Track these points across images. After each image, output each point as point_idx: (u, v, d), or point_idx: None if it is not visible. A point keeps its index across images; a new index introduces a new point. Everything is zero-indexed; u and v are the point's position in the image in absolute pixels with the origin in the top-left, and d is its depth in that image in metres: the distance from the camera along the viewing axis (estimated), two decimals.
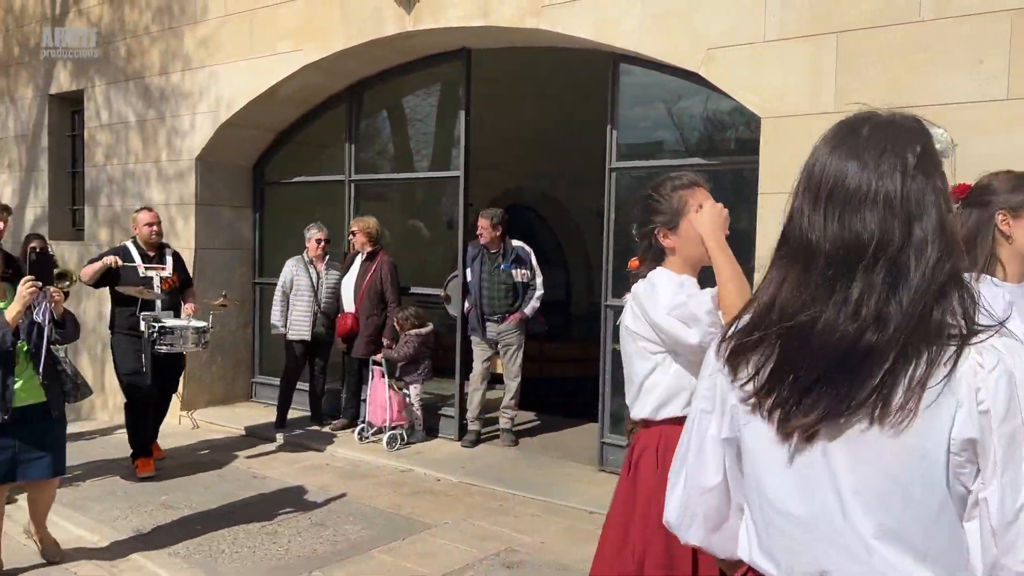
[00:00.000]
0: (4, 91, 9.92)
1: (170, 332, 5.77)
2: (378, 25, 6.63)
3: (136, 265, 5.96)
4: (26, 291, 3.82)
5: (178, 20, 8.01)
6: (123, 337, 5.97)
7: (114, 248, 6.25)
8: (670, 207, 2.46)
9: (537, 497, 5.59)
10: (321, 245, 7.35)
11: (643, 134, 6.22)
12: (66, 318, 4.09)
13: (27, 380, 4.01)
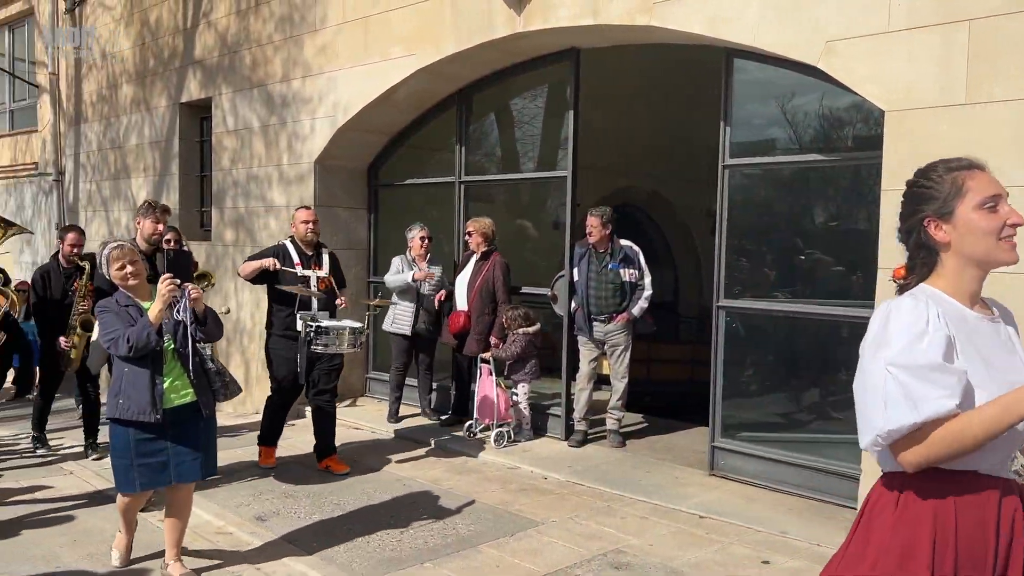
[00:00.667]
0: (141, 100, 10.57)
1: (326, 332, 5.67)
2: (488, 28, 6.71)
3: (294, 265, 5.89)
4: (165, 289, 3.82)
5: (299, 29, 8.34)
6: (279, 338, 5.92)
7: (273, 247, 6.16)
8: (942, 191, 1.93)
9: (645, 499, 5.53)
10: (424, 244, 7.52)
11: (757, 130, 6.06)
12: (207, 315, 4.04)
13: (176, 380, 3.99)
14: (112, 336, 3.84)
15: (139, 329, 3.79)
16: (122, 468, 3.97)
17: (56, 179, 12.29)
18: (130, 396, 3.86)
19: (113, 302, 3.98)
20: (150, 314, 3.84)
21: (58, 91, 12.21)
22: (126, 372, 3.90)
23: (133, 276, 4.00)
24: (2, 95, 14.48)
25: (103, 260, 4.01)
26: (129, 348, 3.77)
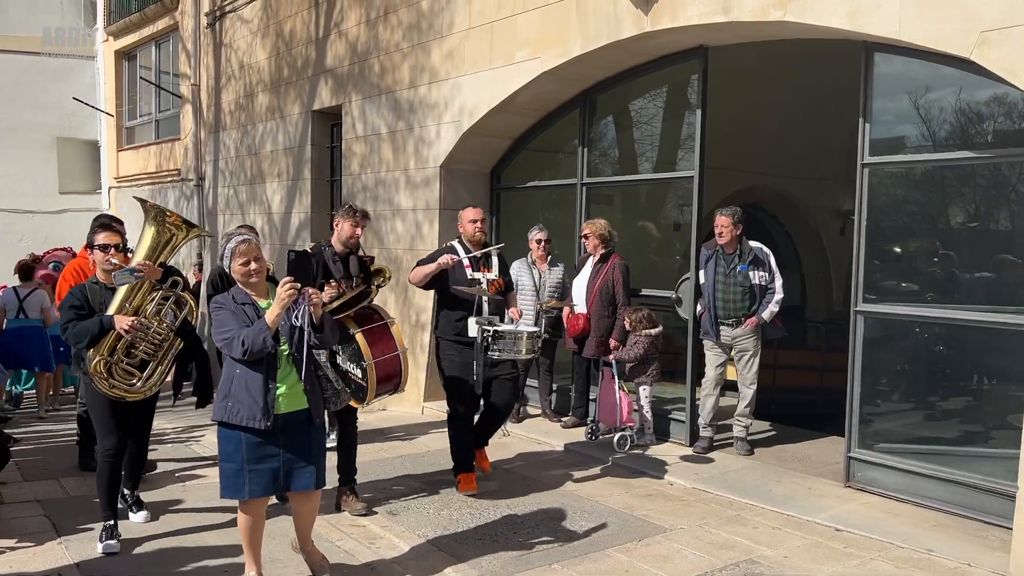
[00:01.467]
0: (275, 109, 11.07)
1: (502, 337, 5.31)
2: (615, 28, 6.68)
3: (463, 268, 5.58)
4: (284, 293, 3.58)
5: (426, 36, 8.54)
6: (449, 343, 5.61)
7: (441, 249, 5.88)
8: None
9: (776, 509, 5.36)
10: (542, 245, 7.54)
11: (898, 127, 5.78)
12: (325, 321, 3.80)
13: (291, 386, 3.80)
14: (227, 336, 3.67)
15: (255, 332, 3.60)
16: (231, 472, 3.77)
17: (197, 184, 13.04)
18: (240, 400, 3.70)
19: (229, 299, 3.81)
20: (267, 317, 3.64)
21: (199, 101, 12.94)
22: (237, 374, 3.72)
23: (255, 273, 3.82)
24: (149, 106, 15.47)
25: (226, 252, 3.82)
26: (244, 351, 3.60)
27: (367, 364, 4.79)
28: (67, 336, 4.58)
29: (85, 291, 4.67)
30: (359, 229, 5.30)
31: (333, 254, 5.22)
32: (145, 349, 4.66)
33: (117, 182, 16.13)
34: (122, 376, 4.64)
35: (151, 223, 4.74)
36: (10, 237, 15.63)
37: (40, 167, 16.26)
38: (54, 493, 5.66)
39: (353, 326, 4.87)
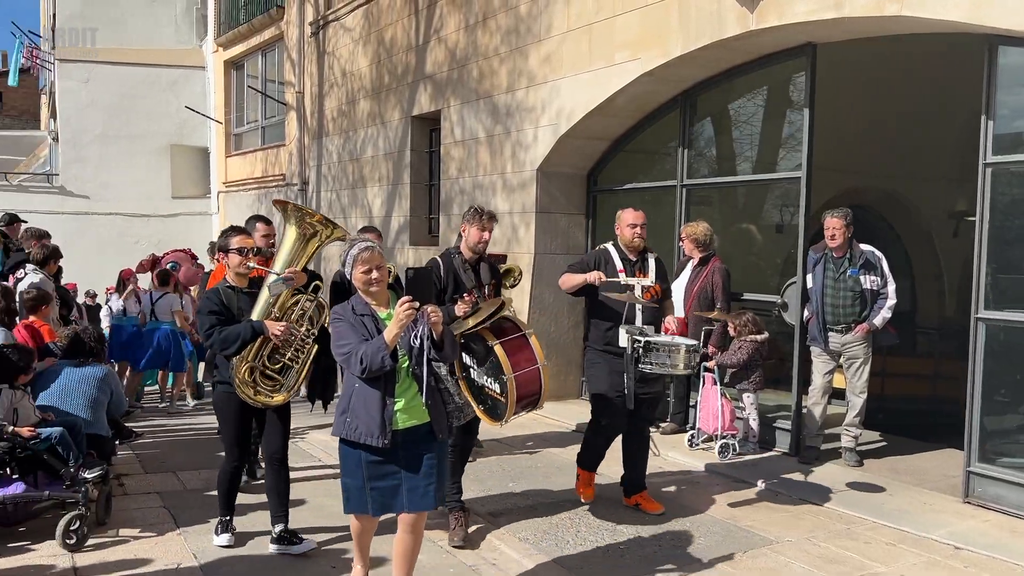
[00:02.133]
0: (376, 115, 11.33)
1: (656, 349, 4.87)
2: (718, 28, 6.55)
3: (616, 272, 5.17)
4: (403, 313, 3.39)
5: (524, 40, 8.58)
6: (598, 353, 5.24)
7: (594, 252, 5.53)
8: None
9: (889, 524, 5.14)
10: None
11: (1019, 123, 5.47)
12: (445, 338, 3.59)
13: (409, 401, 3.61)
14: (345, 351, 3.53)
15: (373, 350, 3.44)
16: (354, 488, 3.65)
17: (301, 189, 13.47)
18: (358, 415, 3.56)
19: (349, 310, 3.64)
20: (386, 335, 3.46)
21: (303, 108, 13.37)
22: (356, 389, 3.59)
23: (377, 283, 3.64)
24: (256, 113, 16.08)
25: (348, 258, 3.64)
26: (363, 369, 3.45)
27: (507, 379, 4.45)
28: (212, 342, 4.37)
29: (221, 295, 4.50)
30: (487, 233, 4.94)
31: (463, 262, 4.94)
32: (291, 355, 4.51)
33: (225, 187, 16.82)
34: (266, 383, 4.50)
35: (292, 224, 4.53)
36: (126, 240, 16.51)
37: (155, 173, 17.13)
38: (172, 486, 5.93)
39: (491, 338, 4.56)
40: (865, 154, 9.55)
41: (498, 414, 4.58)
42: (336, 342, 3.60)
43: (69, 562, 4.44)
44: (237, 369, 4.40)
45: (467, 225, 4.96)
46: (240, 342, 4.33)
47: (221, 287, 4.56)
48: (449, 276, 4.85)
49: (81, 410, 5.43)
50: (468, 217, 4.95)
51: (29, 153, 24.28)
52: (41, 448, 4.77)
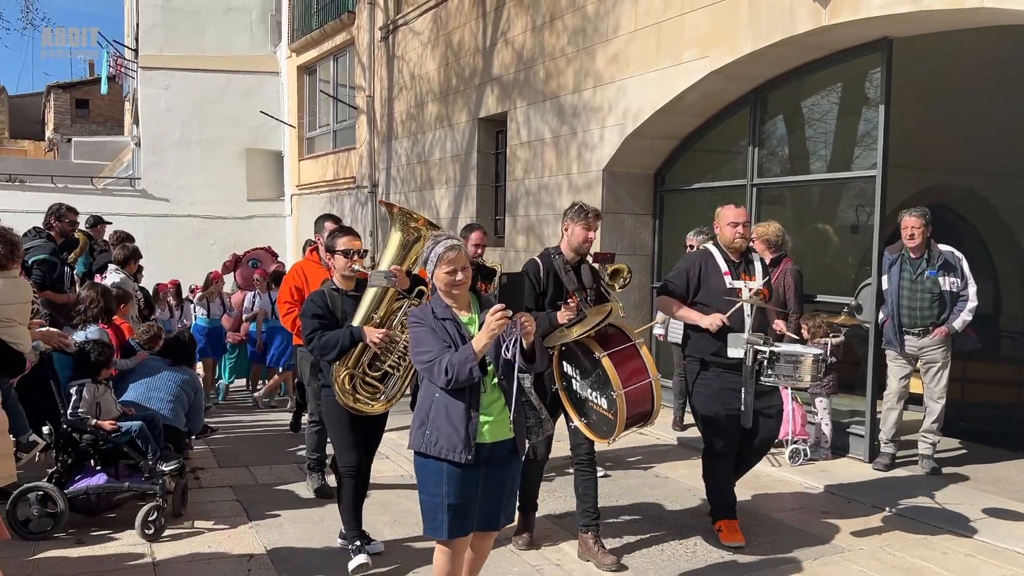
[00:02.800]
0: (443, 117, 11.44)
1: (778, 360, 4.39)
2: (789, 24, 6.42)
3: (721, 275, 4.71)
4: (495, 322, 3.14)
5: (591, 40, 8.55)
6: (704, 365, 4.71)
7: (694, 255, 5.10)
8: None
9: (968, 535, 4.96)
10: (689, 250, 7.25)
11: None
12: (536, 348, 3.34)
13: (496, 415, 3.36)
14: (427, 360, 3.29)
15: (460, 361, 3.19)
16: (431, 507, 3.36)
17: (371, 191, 13.69)
18: (439, 428, 3.29)
19: (429, 313, 3.39)
20: (475, 345, 3.21)
21: (373, 112, 13.59)
22: (436, 398, 3.32)
23: (460, 285, 3.39)
24: (327, 117, 16.42)
25: (432, 256, 3.38)
26: (448, 381, 3.20)
27: (616, 394, 4.09)
28: (312, 347, 4.26)
29: (325, 298, 4.35)
30: (592, 232, 4.54)
31: (564, 263, 4.54)
32: (391, 362, 4.30)
33: (299, 189, 17.21)
34: (365, 390, 4.33)
35: (397, 227, 4.36)
36: (203, 241, 17.04)
37: (230, 177, 17.62)
38: (245, 480, 6.10)
39: (598, 349, 4.18)
40: (944, 151, 9.22)
41: (604, 431, 4.23)
42: (416, 348, 3.37)
43: (148, 551, 4.61)
44: (336, 375, 4.28)
45: (570, 223, 4.56)
46: (339, 348, 4.20)
47: (326, 289, 4.42)
48: (549, 278, 4.49)
49: (162, 405, 5.63)
50: (571, 215, 4.54)
51: (113, 158, 25.29)
52: (122, 441, 4.96)
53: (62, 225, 7.22)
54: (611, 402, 4.13)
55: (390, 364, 4.31)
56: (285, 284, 5.97)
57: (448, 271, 3.36)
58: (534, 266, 4.56)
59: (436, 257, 3.37)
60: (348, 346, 4.22)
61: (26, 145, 34.83)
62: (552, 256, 4.58)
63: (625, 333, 4.33)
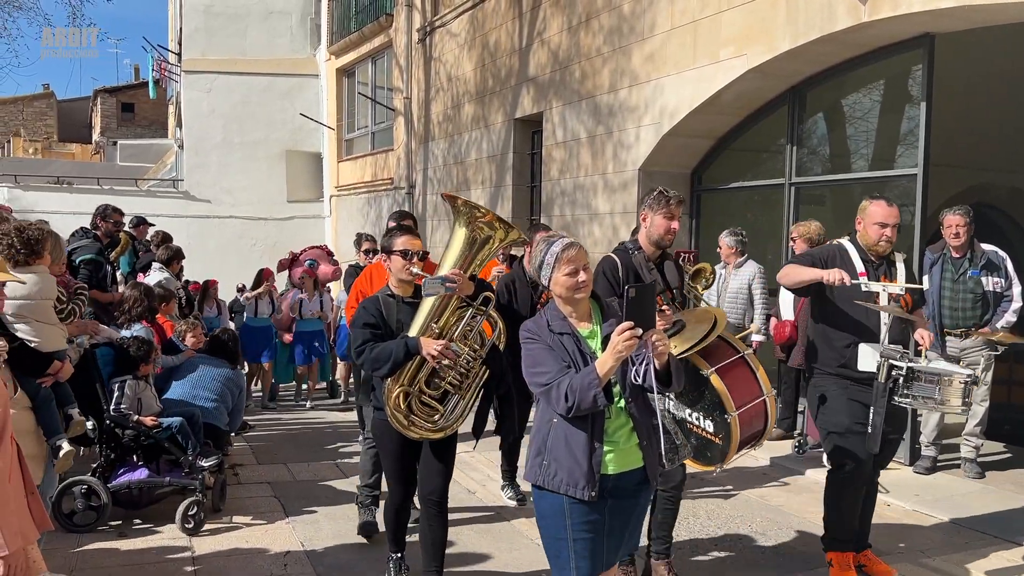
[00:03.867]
0: (480, 118, 11.49)
1: (917, 379, 3.80)
2: (828, 20, 6.34)
3: (856, 276, 4.04)
4: (623, 344, 2.69)
5: (627, 39, 8.52)
6: (829, 378, 4.14)
7: (827, 247, 4.40)
8: None
9: (1013, 540, 4.85)
10: (732, 249, 7.15)
11: None
12: (671, 368, 2.89)
13: (623, 442, 2.92)
14: (544, 382, 2.86)
15: (582, 386, 2.75)
16: (554, 546, 2.94)
17: (408, 192, 13.79)
18: (558, 459, 2.87)
19: (544, 326, 2.94)
20: (599, 368, 2.76)
21: (411, 113, 13.69)
22: (554, 425, 2.90)
23: (583, 287, 2.93)
24: (366, 119, 16.57)
25: (547, 258, 2.94)
26: (569, 408, 2.78)
27: (730, 418, 3.64)
28: (363, 360, 3.75)
29: (379, 305, 3.86)
30: (675, 222, 3.99)
31: (644, 259, 4.00)
32: (451, 379, 3.78)
33: (337, 191, 17.40)
34: (422, 411, 3.79)
35: (461, 224, 3.85)
36: (244, 243, 17.29)
37: (271, 178, 17.87)
38: (282, 476, 6.19)
39: (703, 364, 3.71)
40: (989, 149, 9.03)
41: (709, 457, 3.77)
42: (531, 368, 2.93)
43: (188, 544, 4.70)
44: (389, 393, 3.74)
45: (648, 213, 4.01)
46: (392, 362, 3.66)
47: (381, 295, 3.91)
48: (628, 279, 3.91)
49: (207, 403, 5.74)
50: (650, 203, 4.01)
51: (157, 160, 25.81)
52: (163, 437, 5.07)
53: (107, 225, 7.39)
54: (720, 425, 3.68)
55: (450, 381, 3.77)
56: (353, 289, 5.49)
57: (569, 271, 2.91)
58: (611, 264, 3.98)
59: (553, 258, 2.93)
60: (402, 359, 3.67)
61: (74, 148, 35.71)
62: (630, 251, 4.01)
63: (730, 343, 3.84)
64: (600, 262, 4.00)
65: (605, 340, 2.89)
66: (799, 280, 4.14)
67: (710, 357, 3.76)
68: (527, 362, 2.95)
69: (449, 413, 3.81)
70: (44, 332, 4.34)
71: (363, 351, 3.74)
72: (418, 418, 3.77)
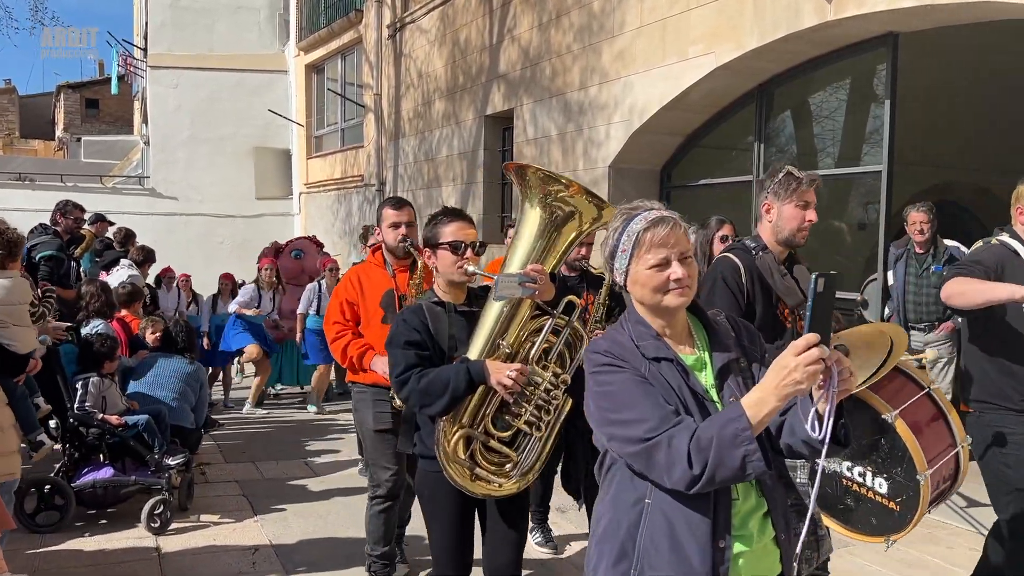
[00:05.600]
0: (451, 115, 11.46)
1: None
2: (794, 19, 6.41)
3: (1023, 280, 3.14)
4: (805, 370, 1.62)
5: (597, 36, 8.55)
6: (1011, 416, 3.17)
7: (989, 248, 3.34)
8: None
9: (973, 529, 4.95)
10: None
11: None
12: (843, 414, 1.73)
13: (756, 534, 1.90)
14: (642, 436, 1.79)
15: (723, 442, 1.69)
16: None
17: (378, 189, 13.72)
18: (657, 565, 1.84)
19: (629, 346, 1.92)
20: (752, 410, 1.69)
21: (381, 110, 13.62)
22: (648, 508, 1.86)
23: (683, 289, 1.91)
24: (335, 116, 16.46)
25: (622, 242, 1.93)
26: (695, 479, 1.72)
27: (922, 479, 2.73)
28: (407, 394, 2.78)
29: (424, 316, 2.86)
30: (811, 211, 3.07)
31: (774, 262, 3.06)
32: (529, 416, 2.77)
33: (307, 188, 17.27)
34: (490, 459, 2.82)
35: (534, 201, 2.84)
36: (211, 241, 17.10)
37: (239, 175, 17.68)
38: (251, 475, 6.13)
39: (879, 403, 2.82)
40: (953, 147, 9.19)
41: (873, 526, 2.87)
42: (612, 414, 1.85)
43: (154, 544, 4.64)
44: (444, 437, 2.77)
45: (773, 202, 3.07)
46: (449, 396, 2.71)
47: (426, 303, 2.93)
48: (755, 287, 2.99)
49: (168, 401, 5.67)
50: (774, 189, 3.07)
51: (123, 157, 25.42)
52: (128, 435, 5.00)
53: (67, 222, 7.27)
54: (902, 487, 2.76)
55: (528, 419, 2.77)
56: (334, 298, 4.04)
57: (656, 262, 1.87)
58: (731, 268, 3.03)
59: (631, 241, 1.91)
60: (463, 391, 2.72)
61: (36, 144, 35.08)
62: (753, 252, 3.05)
63: (909, 374, 2.95)
64: (715, 263, 3.17)
65: (722, 374, 1.92)
66: (988, 299, 3.02)
67: (882, 391, 2.82)
68: (603, 402, 1.87)
69: (524, 460, 2.81)
70: (20, 335, 4.41)
71: (406, 380, 2.78)
72: (485, 469, 2.80)
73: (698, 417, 1.82)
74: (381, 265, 4.01)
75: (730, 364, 1.93)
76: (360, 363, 3.86)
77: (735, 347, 1.97)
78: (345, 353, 3.89)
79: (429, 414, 2.82)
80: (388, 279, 3.94)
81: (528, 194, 2.88)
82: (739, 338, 2.03)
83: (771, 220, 3.12)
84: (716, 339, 2.00)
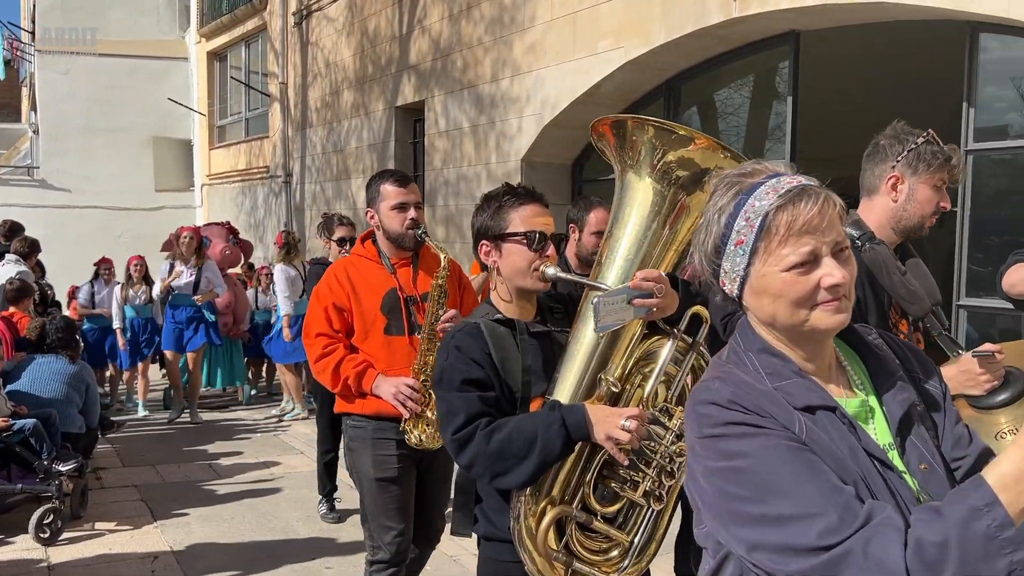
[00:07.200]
0: (360, 105, 11.25)
1: None
2: (701, 15, 6.52)
3: None
4: None
5: (508, 29, 8.52)
6: None
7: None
8: None
9: None
10: None
11: (1004, 113, 5.48)
12: None
13: None
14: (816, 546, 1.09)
15: (974, 550, 1.01)
16: None
17: (285, 181, 13.37)
18: None
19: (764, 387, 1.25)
20: (1005, 495, 1.03)
21: (287, 99, 13.26)
22: None
23: (836, 306, 1.23)
24: (239, 105, 15.96)
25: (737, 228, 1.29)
26: None
27: None
28: (471, 458, 1.95)
29: (486, 342, 2.04)
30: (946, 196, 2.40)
31: (889, 255, 2.32)
32: (648, 483, 1.96)
33: (209, 179, 16.70)
34: (592, 545, 2.02)
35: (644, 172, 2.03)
36: (107, 235, 16.31)
37: (137, 166, 16.96)
38: (150, 479, 5.87)
39: None
40: (853, 143, 9.51)
41: None
42: (757, 506, 1.16)
43: (43, 556, 4.38)
44: (528, 517, 1.97)
45: (903, 175, 2.39)
46: (538, 461, 1.90)
47: (483, 322, 2.09)
48: (866, 291, 2.23)
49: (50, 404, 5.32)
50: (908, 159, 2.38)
51: (9, 146, 24.04)
52: (14, 440, 4.70)
53: None
54: None
55: (646, 489, 1.96)
56: (316, 303, 3.15)
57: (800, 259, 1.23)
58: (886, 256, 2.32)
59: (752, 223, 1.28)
60: (560, 453, 1.92)
61: None
62: (860, 244, 2.29)
63: None
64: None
65: (902, 425, 1.30)
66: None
67: None
68: (733, 487, 1.19)
69: (636, 547, 1.99)
70: None
71: (469, 438, 1.95)
72: (585, 562, 1.98)
73: (885, 500, 1.16)
74: (375, 259, 3.14)
75: (911, 412, 1.29)
76: (359, 385, 2.97)
77: (908, 383, 1.32)
78: (338, 374, 2.99)
79: (504, 486, 1.95)
80: (387, 276, 3.10)
81: (631, 161, 2.00)
82: (908, 369, 1.36)
83: (896, 199, 2.36)
84: (881, 373, 1.33)
